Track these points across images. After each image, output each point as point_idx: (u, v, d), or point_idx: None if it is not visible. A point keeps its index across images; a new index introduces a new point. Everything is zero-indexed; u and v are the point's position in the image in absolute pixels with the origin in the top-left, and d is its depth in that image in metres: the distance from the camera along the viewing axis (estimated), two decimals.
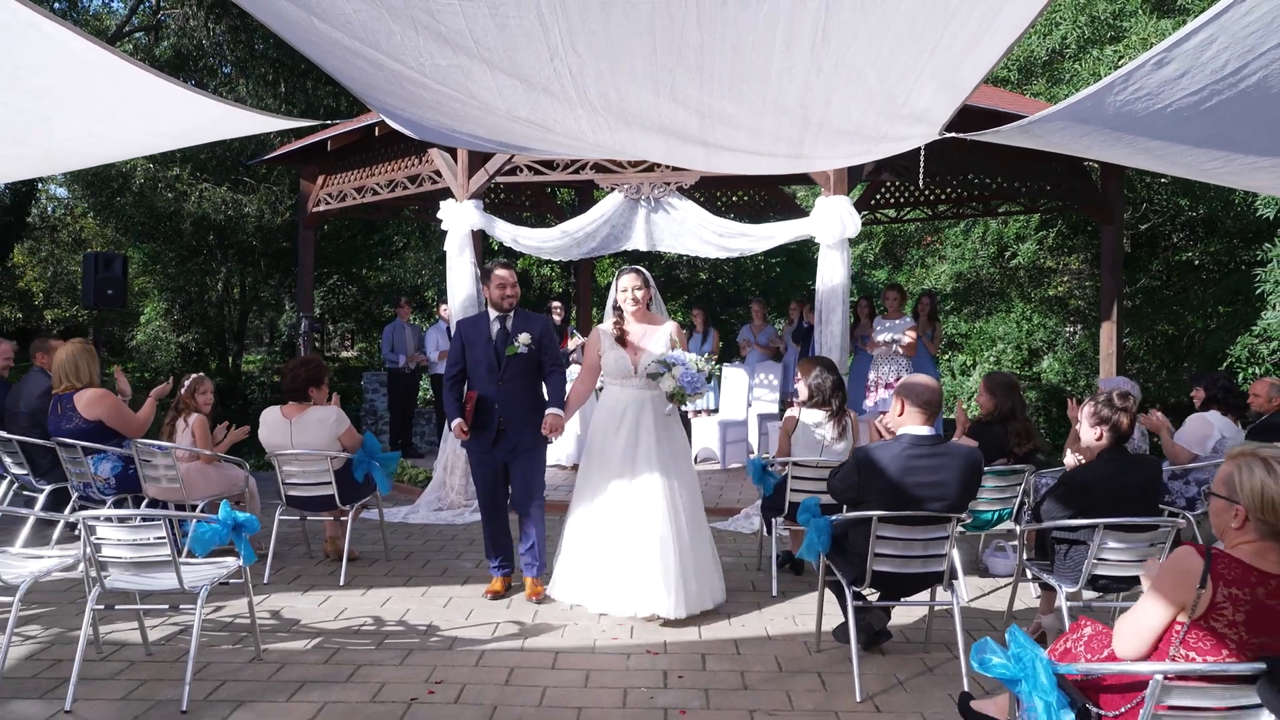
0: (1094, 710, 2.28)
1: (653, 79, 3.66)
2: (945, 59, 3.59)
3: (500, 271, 4.98)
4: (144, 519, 3.65)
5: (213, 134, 5.69)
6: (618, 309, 4.93)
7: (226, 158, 18.15)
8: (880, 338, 8.86)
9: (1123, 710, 2.22)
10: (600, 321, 5.22)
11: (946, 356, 16.38)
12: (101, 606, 3.74)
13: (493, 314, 4.98)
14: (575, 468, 8.33)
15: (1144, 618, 2.24)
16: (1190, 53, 3.37)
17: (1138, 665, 2.20)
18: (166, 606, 4.03)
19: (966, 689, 3.34)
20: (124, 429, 5.57)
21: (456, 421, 4.91)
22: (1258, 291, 8.92)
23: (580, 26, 3.28)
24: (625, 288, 4.90)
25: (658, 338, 4.85)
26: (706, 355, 4.77)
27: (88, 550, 3.66)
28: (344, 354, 25.62)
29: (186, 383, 5.74)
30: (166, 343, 22.68)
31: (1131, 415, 3.96)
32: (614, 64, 3.52)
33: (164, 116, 4.87)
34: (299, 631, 4.54)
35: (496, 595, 5.08)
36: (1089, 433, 4.03)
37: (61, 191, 25.28)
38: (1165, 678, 2.12)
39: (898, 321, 8.93)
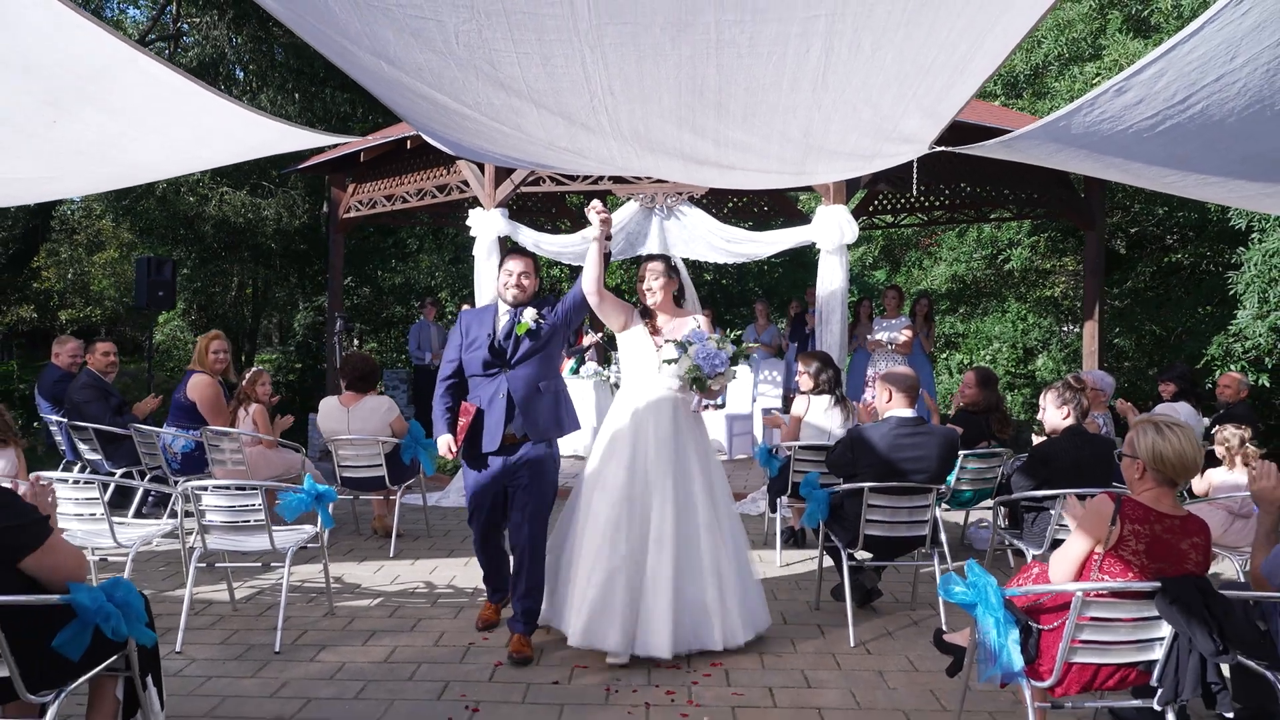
0: (1035, 626, 2.90)
1: (676, 115, 4.28)
2: (926, 97, 4.20)
3: (510, 262, 4.38)
4: (243, 488, 4.28)
5: (273, 149, 6.31)
6: (640, 302, 4.46)
7: (246, 162, 18.79)
8: (879, 336, 9.48)
9: (1056, 625, 2.83)
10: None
11: (944, 355, 17.00)
12: (203, 565, 4.37)
13: (503, 308, 4.34)
14: None
15: (1070, 549, 2.86)
16: (1145, 82, 3.98)
17: (1063, 585, 2.81)
18: (259, 565, 4.66)
19: (945, 633, 3.95)
20: (211, 419, 6.19)
21: (444, 439, 4.24)
22: (1230, 294, 9.53)
23: (618, 74, 3.89)
24: (644, 278, 4.43)
25: (689, 328, 4.30)
26: (724, 335, 4.25)
27: (192, 516, 4.28)
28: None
29: (247, 375, 6.37)
30: (184, 343, 23.31)
31: (1088, 395, 4.60)
32: (645, 104, 4.14)
33: (233, 134, 5.47)
34: (361, 593, 5.17)
35: (489, 625, 4.49)
36: (1056, 414, 4.66)
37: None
38: (1085, 594, 2.74)
39: (894, 321, 9.55)
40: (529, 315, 4.23)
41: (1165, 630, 2.76)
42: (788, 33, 3.58)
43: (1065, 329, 16.89)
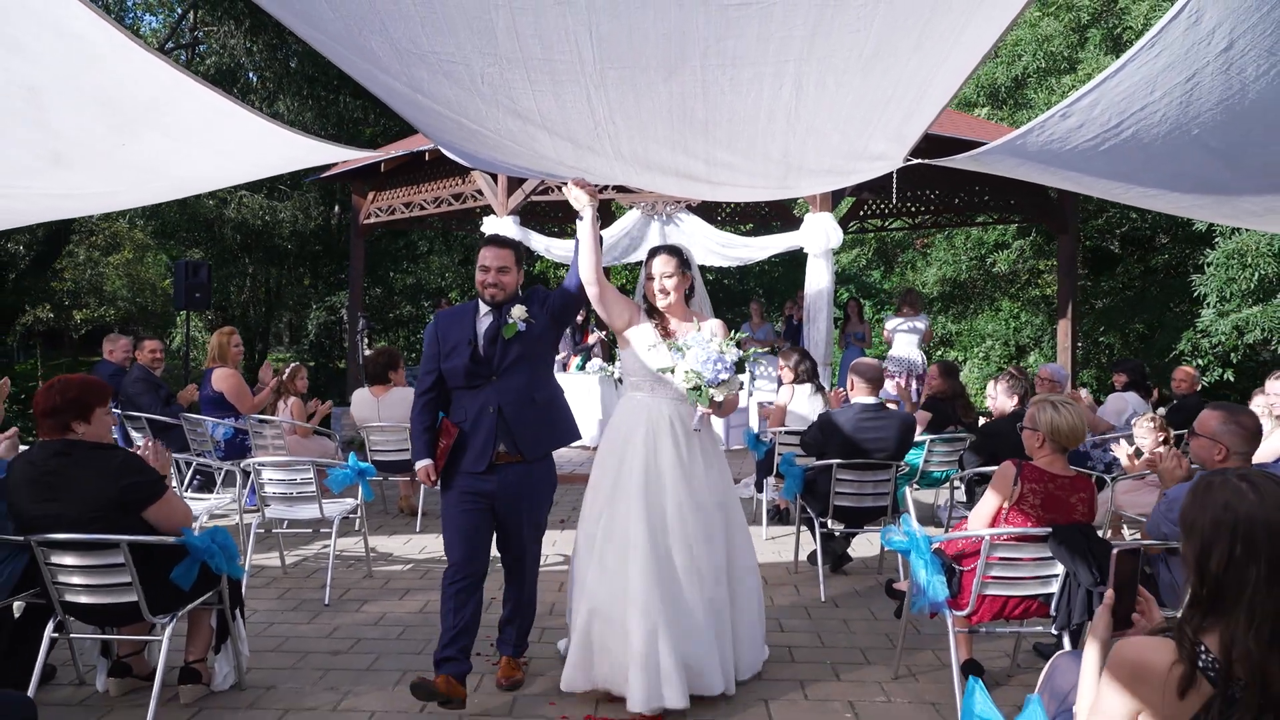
0: (957, 567, 3.55)
1: (670, 140, 4.94)
2: (890, 123, 4.85)
3: (485, 254, 3.77)
4: (297, 464, 4.96)
5: (307, 161, 6.98)
6: (647, 301, 3.84)
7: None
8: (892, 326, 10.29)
9: (972, 567, 3.49)
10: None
11: (939, 353, 17.64)
12: (262, 530, 5.05)
13: (484, 309, 3.75)
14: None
15: (983, 506, 3.51)
16: (1084, 109, 4.62)
17: (975, 530, 3.46)
18: (310, 531, 5.33)
19: (895, 582, 4.60)
20: (238, 404, 6.88)
21: (422, 464, 3.65)
22: (1195, 295, 10.17)
23: (618, 106, 4.55)
24: (655, 274, 3.79)
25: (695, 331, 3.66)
26: (734, 336, 3.63)
27: (251, 488, 4.96)
28: (366, 352, 26.76)
29: (287, 371, 7.07)
30: (199, 342, 24.00)
31: (1038, 386, 5.28)
32: (642, 130, 4.80)
33: (273, 149, 6.12)
34: (394, 560, 5.84)
35: (445, 698, 3.44)
36: (1007, 400, 5.33)
37: None
38: (992, 538, 3.39)
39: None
40: (517, 314, 3.64)
41: (1060, 569, 3.41)
42: (762, 74, 4.23)
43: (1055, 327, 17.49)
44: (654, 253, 3.93)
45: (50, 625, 3.34)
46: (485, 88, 4.49)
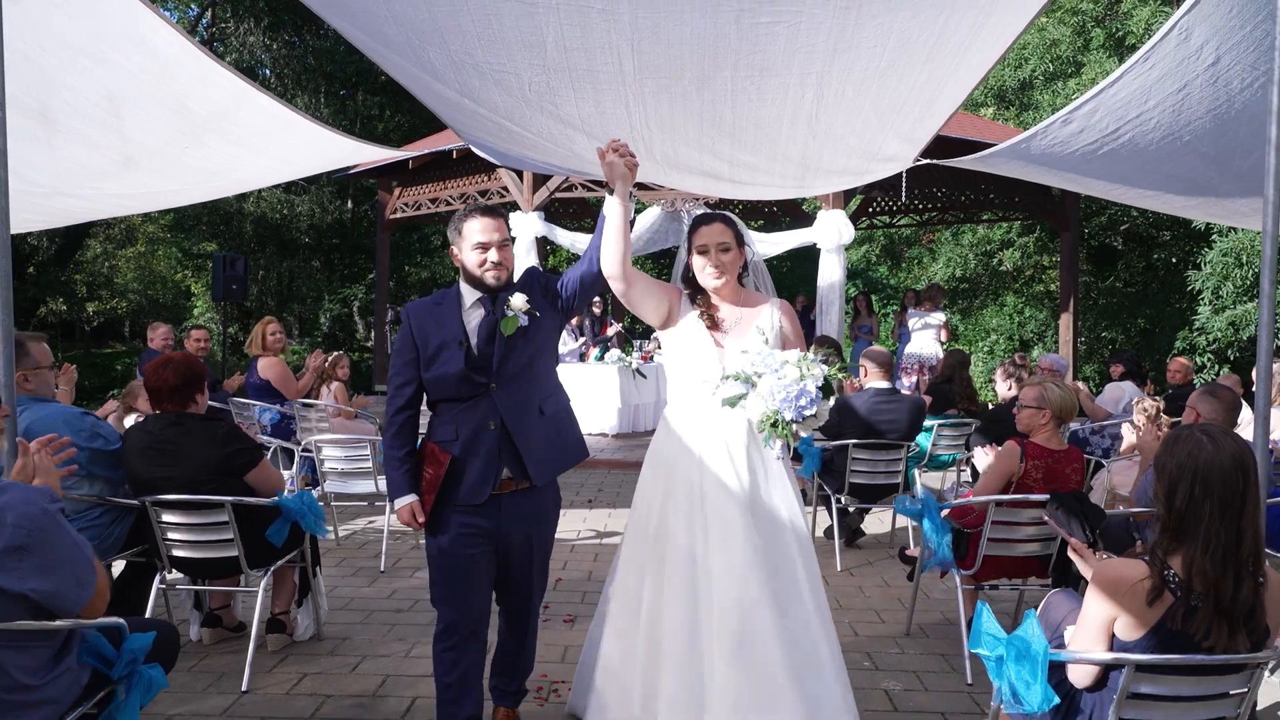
0: (965, 531, 3.96)
1: (699, 142, 5.34)
2: (902, 126, 5.24)
3: (475, 225, 2.93)
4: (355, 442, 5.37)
5: (347, 161, 7.41)
6: (691, 280, 3.13)
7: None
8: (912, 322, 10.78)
9: (978, 529, 3.89)
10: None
11: (945, 345, 18.02)
12: (322, 504, 5.46)
13: (469, 297, 2.98)
14: (618, 437, 9.93)
15: (989, 480, 3.92)
16: (1084, 116, 5.02)
17: (982, 497, 3.86)
18: (363, 504, 5.75)
19: (907, 549, 5.01)
20: (285, 391, 7.29)
21: (404, 503, 2.92)
22: (1194, 292, 10.53)
23: (653, 111, 4.95)
24: (709, 246, 3.05)
25: (756, 328, 3.03)
26: (804, 354, 2.87)
27: (299, 467, 5.37)
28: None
29: (329, 358, 7.49)
30: (215, 335, 24.43)
31: (1033, 371, 5.67)
32: (674, 134, 5.20)
33: (316, 152, 6.54)
34: None
35: None
36: (1002, 385, 5.73)
37: None
38: (996, 504, 3.79)
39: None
40: (517, 304, 2.91)
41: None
42: (787, 84, 4.63)
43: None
44: (705, 220, 3.14)
45: (158, 578, 3.75)
46: (532, 95, 4.89)
